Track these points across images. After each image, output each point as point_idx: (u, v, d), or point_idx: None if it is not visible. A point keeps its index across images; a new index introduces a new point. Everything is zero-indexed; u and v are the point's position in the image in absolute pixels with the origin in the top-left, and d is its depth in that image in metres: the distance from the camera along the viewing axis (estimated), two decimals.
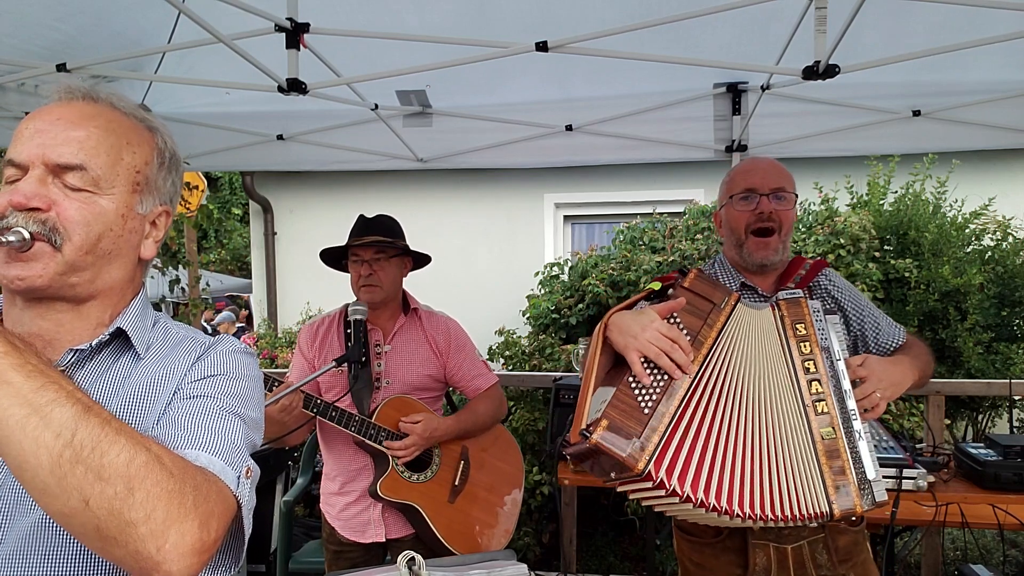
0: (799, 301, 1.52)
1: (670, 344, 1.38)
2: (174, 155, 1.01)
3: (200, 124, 3.01)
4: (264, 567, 3.66)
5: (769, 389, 1.44)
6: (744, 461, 1.37)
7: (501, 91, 2.85)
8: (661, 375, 1.38)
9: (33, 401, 0.70)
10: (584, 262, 5.06)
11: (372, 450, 2.19)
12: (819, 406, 1.43)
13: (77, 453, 0.70)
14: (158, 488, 0.73)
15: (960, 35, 2.22)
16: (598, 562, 4.07)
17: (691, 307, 1.47)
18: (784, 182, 1.72)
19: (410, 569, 1.19)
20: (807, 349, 1.47)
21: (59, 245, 0.87)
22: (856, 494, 1.38)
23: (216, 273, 13.02)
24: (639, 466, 1.30)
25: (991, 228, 4.66)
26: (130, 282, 0.98)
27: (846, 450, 1.40)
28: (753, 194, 1.71)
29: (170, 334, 1.01)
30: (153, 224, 0.99)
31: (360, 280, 2.22)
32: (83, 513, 0.70)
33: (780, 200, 1.71)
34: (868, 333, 1.79)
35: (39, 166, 0.87)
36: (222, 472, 0.84)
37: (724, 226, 1.82)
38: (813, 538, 1.60)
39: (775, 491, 1.37)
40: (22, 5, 2.08)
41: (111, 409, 0.88)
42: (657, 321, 1.42)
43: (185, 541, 0.73)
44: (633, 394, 1.36)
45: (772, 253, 1.72)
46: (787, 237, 1.73)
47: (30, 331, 0.91)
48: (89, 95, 0.94)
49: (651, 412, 1.34)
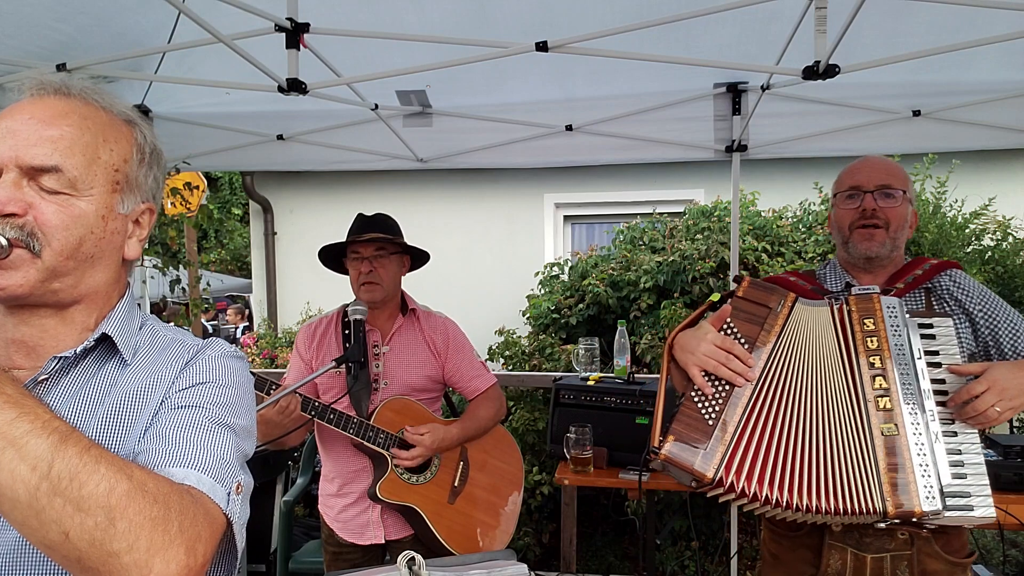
0: (871, 297, 1.50)
1: (725, 355, 1.44)
2: (155, 149, 0.97)
3: (200, 124, 3.01)
4: (264, 567, 3.66)
5: (826, 385, 1.45)
6: (800, 455, 1.40)
7: (501, 91, 2.84)
8: (722, 385, 1.44)
9: (7, 434, 0.68)
10: (584, 262, 5.06)
11: (371, 452, 2.18)
12: (882, 402, 1.41)
13: (55, 485, 0.67)
14: (141, 516, 0.70)
15: (960, 35, 2.22)
16: (598, 562, 4.07)
17: (748, 314, 1.50)
18: (891, 179, 1.66)
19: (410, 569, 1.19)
20: (874, 344, 1.45)
21: (38, 251, 0.83)
22: (916, 495, 1.34)
23: (216, 273, 13.02)
24: (708, 475, 1.37)
25: (991, 228, 4.66)
26: (115, 284, 0.95)
27: (910, 448, 1.37)
28: (857, 192, 1.67)
29: (157, 338, 0.98)
30: (136, 223, 0.95)
31: (360, 278, 2.22)
32: (64, 545, 0.68)
33: (887, 197, 1.65)
34: (1004, 339, 1.65)
35: (13, 169, 0.83)
36: (211, 490, 0.81)
37: (832, 226, 1.79)
38: (898, 553, 1.52)
39: (827, 483, 1.38)
40: (23, 5, 2.08)
41: (97, 419, 0.86)
42: (712, 334, 1.47)
43: (171, 569, 0.71)
44: (696, 407, 1.43)
45: (877, 246, 1.65)
46: (897, 234, 1.66)
47: (12, 338, 0.88)
48: (61, 89, 0.89)
49: (715, 422, 1.40)
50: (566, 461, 2.84)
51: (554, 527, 4.05)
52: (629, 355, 3.20)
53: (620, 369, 3.13)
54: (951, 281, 1.70)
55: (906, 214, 1.68)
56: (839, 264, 1.79)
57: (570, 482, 2.84)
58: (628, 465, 2.82)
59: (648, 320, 4.50)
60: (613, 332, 3.26)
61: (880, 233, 1.65)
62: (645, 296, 4.55)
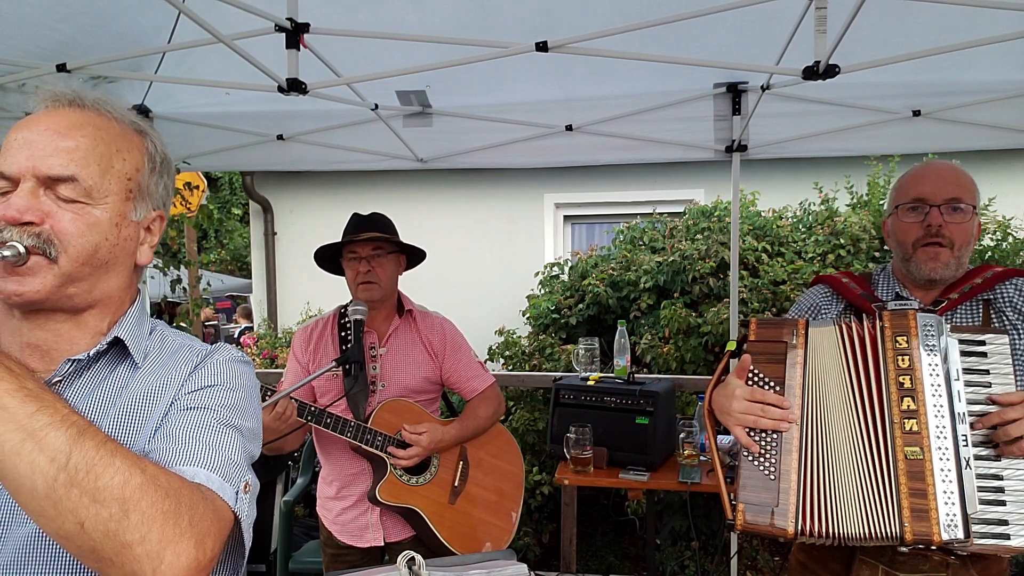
0: (906, 314, 1.41)
1: (760, 407, 1.40)
2: (165, 158, 1.00)
3: (200, 124, 3.01)
4: (264, 567, 3.66)
5: (849, 407, 1.40)
6: (821, 480, 1.36)
7: (501, 91, 2.84)
8: (769, 436, 1.40)
9: (28, 426, 0.70)
10: (584, 262, 5.06)
11: (369, 455, 2.18)
12: (908, 424, 1.34)
13: (72, 477, 0.70)
14: (153, 509, 0.73)
15: (960, 35, 2.22)
16: (598, 562, 4.07)
17: (767, 355, 1.45)
18: (961, 192, 1.53)
19: (410, 569, 1.19)
20: (905, 364, 1.37)
21: (55, 257, 0.86)
22: (937, 522, 1.29)
23: (216, 273, 13.02)
24: (790, 530, 1.33)
25: (991, 228, 4.66)
26: (127, 289, 0.98)
27: (934, 474, 1.31)
28: (923, 205, 1.55)
29: (167, 342, 1.01)
30: (148, 230, 0.98)
31: (358, 278, 2.20)
32: (79, 535, 0.71)
33: (955, 212, 1.53)
34: None
35: (30, 179, 0.86)
36: (220, 489, 0.84)
37: (891, 237, 1.66)
38: (932, 575, 1.46)
39: (842, 506, 1.34)
40: (23, 5, 2.08)
41: (109, 420, 0.89)
42: (740, 389, 1.43)
43: (180, 561, 0.74)
44: (753, 466, 1.39)
45: (942, 267, 1.54)
46: (962, 252, 1.55)
47: (28, 341, 0.91)
48: (75, 102, 0.92)
49: (775, 475, 1.37)
50: (566, 461, 2.84)
51: (554, 527, 4.05)
52: (629, 355, 3.20)
53: (620, 369, 3.13)
54: (1015, 290, 1.56)
55: (972, 229, 1.55)
56: (893, 274, 1.69)
57: (570, 482, 2.84)
58: (628, 465, 2.82)
59: (648, 320, 4.50)
60: (613, 332, 3.26)
61: (945, 253, 1.54)
62: (645, 296, 4.55)
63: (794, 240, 4.78)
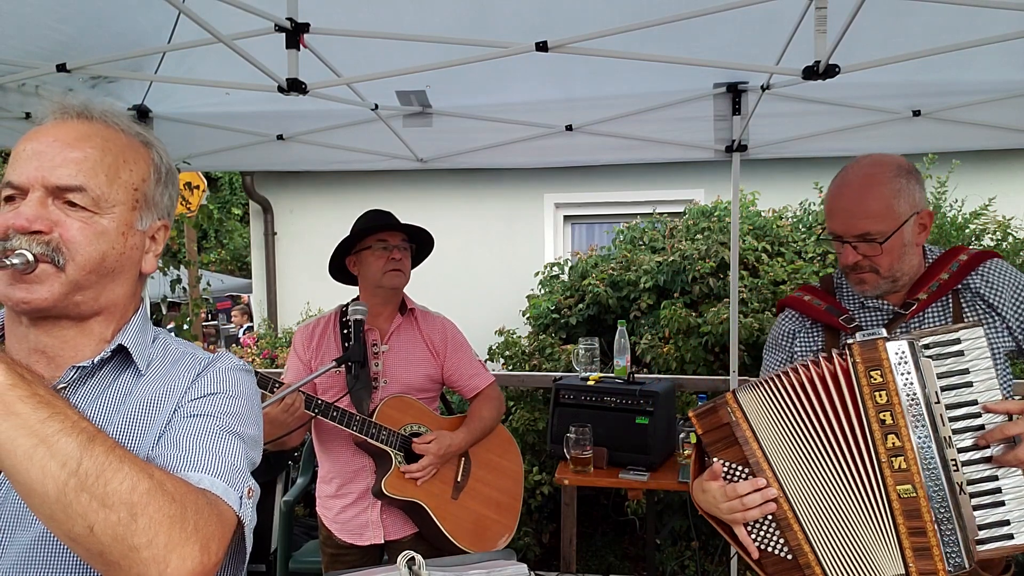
0: (875, 344, 1.33)
1: (740, 502, 1.37)
2: (170, 169, 1.02)
3: (200, 124, 3.01)
4: (264, 567, 3.66)
5: (829, 454, 1.36)
6: (835, 539, 1.37)
7: (501, 91, 2.85)
8: (766, 520, 1.39)
9: (40, 431, 0.72)
10: (584, 262, 5.06)
11: (374, 449, 2.19)
12: (896, 462, 1.31)
13: (82, 481, 0.71)
14: (160, 514, 0.75)
15: (960, 35, 2.21)
16: (598, 562, 4.07)
17: (721, 441, 1.41)
18: (869, 223, 1.49)
19: (410, 569, 1.19)
20: (883, 399, 1.32)
21: (62, 265, 0.88)
22: (940, 558, 1.29)
23: (216, 273, 13.03)
24: None
25: (991, 228, 4.66)
26: (132, 297, 1.00)
27: (931, 510, 1.30)
28: (839, 240, 1.55)
29: (169, 350, 1.03)
30: (152, 239, 1.00)
31: (388, 264, 2.23)
32: (88, 538, 0.72)
33: (869, 244, 1.50)
34: None
35: (39, 188, 0.88)
36: (225, 493, 0.86)
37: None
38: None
39: (842, 553, 1.35)
40: (23, 5, 2.09)
41: (113, 426, 0.91)
42: (717, 492, 1.40)
43: (186, 565, 0.76)
44: (767, 553, 1.40)
45: (873, 289, 1.55)
46: (895, 267, 1.53)
47: (34, 347, 0.93)
48: (83, 113, 0.94)
49: (790, 552, 1.38)
50: (566, 461, 2.84)
51: (554, 527, 4.05)
52: (629, 355, 3.20)
53: (620, 369, 3.13)
54: (982, 280, 1.55)
55: (900, 244, 1.51)
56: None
57: (570, 482, 2.85)
58: (628, 465, 2.82)
59: (648, 320, 4.50)
60: (613, 332, 3.26)
61: (871, 278, 1.54)
62: (645, 296, 4.55)
63: (794, 240, 4.78)
